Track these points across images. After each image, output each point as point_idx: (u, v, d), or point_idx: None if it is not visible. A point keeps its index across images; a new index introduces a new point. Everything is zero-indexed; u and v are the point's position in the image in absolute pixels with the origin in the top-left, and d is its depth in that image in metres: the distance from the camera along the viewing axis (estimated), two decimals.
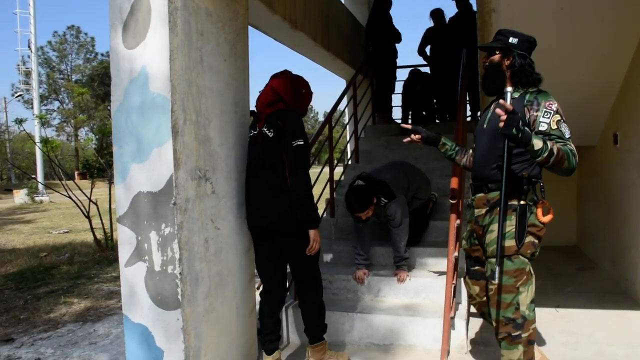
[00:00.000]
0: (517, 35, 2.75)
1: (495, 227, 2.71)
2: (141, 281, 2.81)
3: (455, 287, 3.62)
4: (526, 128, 2.43)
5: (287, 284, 3.61)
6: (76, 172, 33.33)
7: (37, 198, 22.04)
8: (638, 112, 4.52)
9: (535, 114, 2.61)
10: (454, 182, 3.53)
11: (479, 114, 7.15)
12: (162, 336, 2.80)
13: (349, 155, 6.80)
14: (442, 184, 5.38)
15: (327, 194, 5.34)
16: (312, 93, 3.37)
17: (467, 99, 7.02)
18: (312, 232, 3.15)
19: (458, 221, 3.57)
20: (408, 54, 8.00)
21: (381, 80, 7.70)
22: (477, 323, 4.20)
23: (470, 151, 3.11)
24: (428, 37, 7.62)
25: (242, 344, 3.38)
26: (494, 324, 2.81)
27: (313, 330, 3.37)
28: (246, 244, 3.40)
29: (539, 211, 2.70)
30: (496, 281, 2.68)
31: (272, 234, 3.19)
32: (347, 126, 8.05)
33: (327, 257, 4.70)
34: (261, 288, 3.39)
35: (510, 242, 2.68)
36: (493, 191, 2.77)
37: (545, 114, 2.58)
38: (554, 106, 2.61)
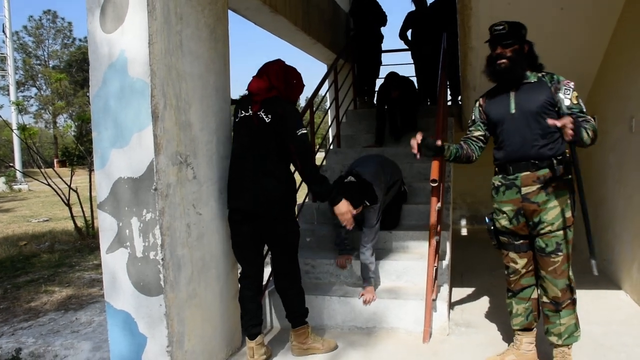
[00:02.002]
0: (524, 27, 2.97)
1: (555, 202, 2.86)
2: (123, 267, 2.80)
3: (436, 270, 3.67)
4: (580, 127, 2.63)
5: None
6: (55, 160, 32.91)
7: (15, 186, 21.70)
8: (613, 96, 4.58)
9: (558, 92, 2.84)
10: (434, 166, 3.56)
11: (459, 98, 7.18)
12: (145, 322, 2.80)
13: (330, 140, 6.80)
14: (422, 167, 5.42)
15: None
16: (303, 85, 3.37)
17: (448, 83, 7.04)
18: (336, 208, 3.29)
19: (439, 204, 3.61)
20: (395, 37, 7.79)
21: (364, 64, 7.67)
22: (458, 306, 4.26)
23: (462, 143, 3.20)
24: (409, 21, 7.60)
25: (225, 328, 3.39)
26: (560, 294, 2.92)
27: (293, 315, 3.39)
28: (228, 229, 3.39)
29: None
30: (595, 273, 2.71)
31: (255, 218, 3.18)
32: (329, 111, 8.04)
33: (310, 241, 4.72)
34: (240, 273, 3.39)
35: (569, 214, 2.88)
36: (543, 168, 2.89)
37: (566, 91, 2.83)
38: (571, 84, 2.85)
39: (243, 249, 3.32)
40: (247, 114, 3.21)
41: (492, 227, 3.15)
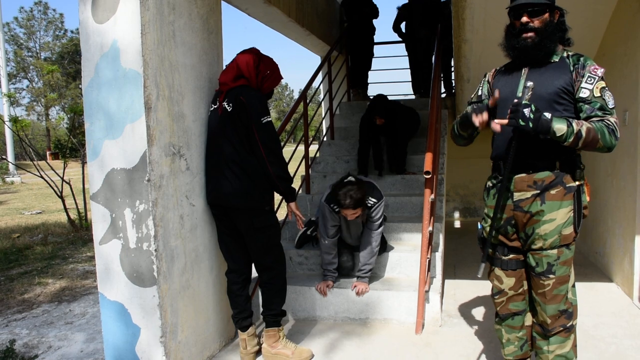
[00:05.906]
0: None
1: (555, 215, 2.35)
2: (116, 258, 2.80)
3: (429, 262, 3.68)
4: (544, 115, 2.16)
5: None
6: (48, 152, 32.74)
7: (7, 179, 21.59)
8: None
9: (580, 78, 2.31)
10: (428, 158, 3.57)
11: (453, 90, 7.19)
12: (138, 313, 2.80)
13: (324, 132, 6.80)
14: (416, 159, 5.43)
15: (302, 170, 5.35)
16: (280, 77, 3.22)
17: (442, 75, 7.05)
18: (292, 205, 3.24)
19: (432, 196, 3.62)
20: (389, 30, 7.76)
21: (357, 57, 7.66)
22: (451, 297, 4.28)
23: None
24: (403, 13, 7.59)
25: (219, 319, 3.40)
26: (548, 320, 2.46)
27: (268, 313, 3.25)
28: None
29: (587, 189, 2.44)
30: (479, 275, 2.48)
31: (228, 211, 3.10)
32: (322, 103, 8.04)
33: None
34: (227, 267, 3.33)
35: (569, 230, 2.36)
36: (541, 170, 2.37)
37: (589, 79, 2.29)
38: (599, 71, 2.30)
39: (225, 243, 3.25)
40: (215, 107, 3.13)
41: (482, 235, 2.63)
